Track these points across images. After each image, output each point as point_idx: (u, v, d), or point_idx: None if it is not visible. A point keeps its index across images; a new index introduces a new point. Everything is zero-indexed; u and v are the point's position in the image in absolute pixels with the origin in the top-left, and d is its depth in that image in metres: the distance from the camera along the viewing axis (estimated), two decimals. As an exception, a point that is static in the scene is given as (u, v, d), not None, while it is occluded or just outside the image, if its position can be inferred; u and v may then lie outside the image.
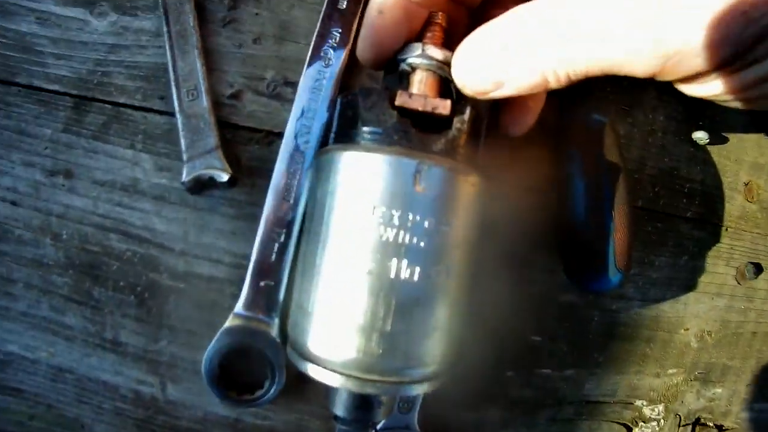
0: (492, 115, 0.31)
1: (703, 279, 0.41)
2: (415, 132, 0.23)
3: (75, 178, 0.31)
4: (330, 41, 0.31)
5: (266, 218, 0.29)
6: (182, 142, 0.30)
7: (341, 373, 0.23)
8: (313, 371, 0.24)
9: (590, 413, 0.39)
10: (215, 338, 0.30)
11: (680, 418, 0.42)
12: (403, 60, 0.25)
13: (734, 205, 0.43)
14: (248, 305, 0.29)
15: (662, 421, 0.41)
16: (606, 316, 0.38)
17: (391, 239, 0.22)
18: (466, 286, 0.25)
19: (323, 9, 0.31)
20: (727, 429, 0.44)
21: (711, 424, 0.43)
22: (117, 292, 0.32)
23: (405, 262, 0.22)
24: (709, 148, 0.41)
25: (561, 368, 0.37)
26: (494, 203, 0.33)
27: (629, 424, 0.40)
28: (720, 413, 0.43)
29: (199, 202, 0.31)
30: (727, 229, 0.42)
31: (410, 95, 0.23)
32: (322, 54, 0.31)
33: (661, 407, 0.41)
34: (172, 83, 0.30)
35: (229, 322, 0.30)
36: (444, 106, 0.23)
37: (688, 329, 0.41)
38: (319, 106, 0.30)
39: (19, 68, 0.31)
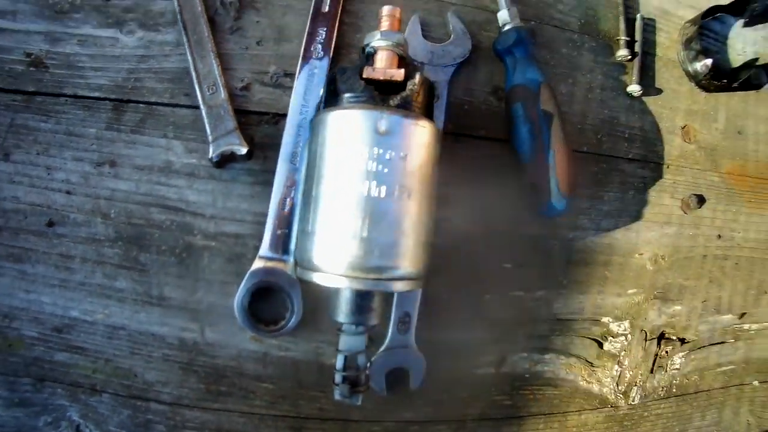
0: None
1: (651, 210, 0.52)
2: (378, 94, 0.34)
3: (118, 166, 0.42)
4: (318, 38, 0.42)
5: (279, 179, 0.40)
6: (207, 127, 0.40)
7: (337, 275, 0.33)
8: (317, 278, 0.34)
9: (562, 330, 0.49)
10: (244, 280, 0.40)
11: (646, 333, 0.52)
12: (367, 44, 0.36)
13: (673, 146, 0.53)
14: (269, 248, 0.40)
15: (629, 336, 0.51)
16: (565, 245, 0.48)
17: (364, 168, 0.32)
18: (426, 207, 0.35)
19: (310, 12, 0.42)
20: (689, 341, 0.54)
21: (674, 338, 0.53)
22: (160, 255, 0.42)
23: (374, 183, 0.32)
24: (645, 99, 0.52)
25: (531, 290, 0.47)
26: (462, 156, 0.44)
27: (600, 339, 0.50)
28: (681, 328, 0.53)
29: (223, 174, 0.42)
30: (668, 167, 0.53)
31: (373, 69, 0.34)
32: (312, 49, 0.42)
33: (626, 323, 0.51)
34: (195, 82, 0.41)
35: (254, 265, 0.40)
36: (398, 74, 0.34)
37: (642, 254, 0.51)
38: (313, 88, 0.41)
39: (65, 82, 0.42)
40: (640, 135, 0.52)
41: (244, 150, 0.40)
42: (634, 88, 0.50)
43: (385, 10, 0.36)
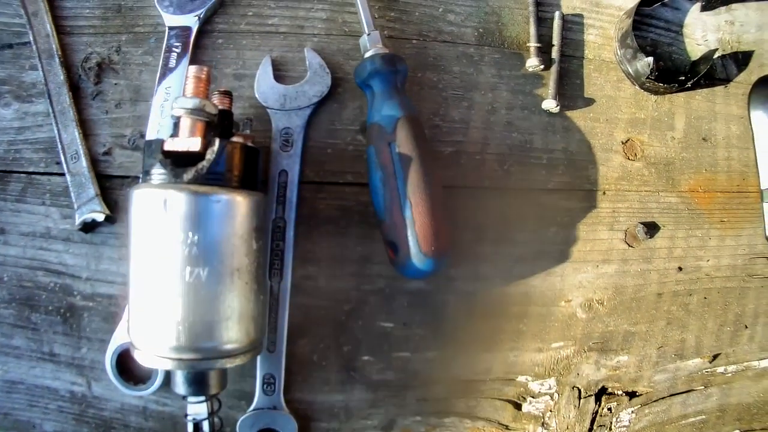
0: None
1: (580, 248, 0.44)
2: (172, 168, 0.32)
3: (7, 233, 0.45)
4: (167, 95, 0.42)
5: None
6: (72, 195, 0.43)
7: (160, 357, 0.33)
8: (140, 357, 0.34)
9: (465, 391, 0.44)
10: (111, 340, 0.42)
11: (579, 390, 0.45)
12: (171, 113, 0.34)
13: (611, 166, 0.45)
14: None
15: (556, 394, 0.45)
16: (462, 299, 0.43)
17: (165, 249, 0.32)
18: (238, 284, 0.33)
19: (159, 70, 0.42)
20: (640, 394, 0.46)
21: (620, 392, 0.46)
22: (48, 315, 0.45)
23: (176, 263, 0.31)
24: (570, 113, 0.44)
25: (421, 351, 0.43)
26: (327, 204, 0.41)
27: (516, 400, 0.45)
28: (629, 380, 0.46)
29: (94, 238, 0.44)
30: (604, 193, 0.45)
31: (173, 140, 0.33)
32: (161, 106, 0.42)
33: (552, 381, 0.45)
34: (60, 151, 0.43)
35: (120, 325, 0.42)
36: (195, 144, 0.32)
37: (570, 300, 0.44)
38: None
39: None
40: (564, 159, 0.44)
41: (101, 217, 0.42)
42: (549, 104, 0.43)
43: (191, 70, 0.34)
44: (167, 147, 0.33)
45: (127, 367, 0.42)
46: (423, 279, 0.41)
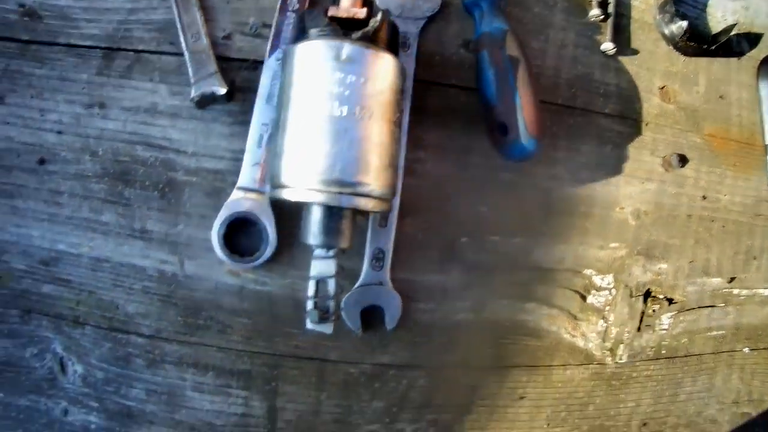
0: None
1: (630, 165, 0.54)
2: (340, 29, 0.38)
3: (107, 108, 0.46)
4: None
5: (256, 118, 0.44)
6: (190, 70, 0.45)
7: (304, 189, 0.36)
8: (286, 194, 0.37)
9: (543, 278, 0.50)
10: (221, 210, 0.43)
11: (631, 289, 0.53)
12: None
13: (651, 104, 0.56)
14: (246, 181, 0.43)
15: (613, 290, 0.53)
16: (542, 193, 0.50)
17: (328, 91, 0.36)
18: (387, 130, 0.38)
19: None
20: (676, 302, 0.55)
21: (661, 297, 0.54)
22: (143, 190, 0.45)
23: (337, 103, 0.36)
24: (620, 58, 0.56)
25: (509, 237, 0.49)
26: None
27: (582, 292, 0.52)
28: (668, 287, 0.54)
29: (204, 115, 0.45)
30: (647, 124, 0.55)
31: (338, 8, 0.39)
32: (288, 2, 0.47)
33: (610, 277, 0.52)
34: (179, 31, 0.45)
35: (231, 196, 0.43)
36: (361, 12, 0.39)
37: (623, 208, 0.53)
38: (289, 35, 0.45)
39: (59, 32, 0.46)
40: (616, 92, 0.54)
41: (223, 90, 0.44)
42: (607, 46, 0.54)
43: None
44: (331, 13, 0.39)
45: (230, 243, 0.43)
46: (524, 159, 0.47)
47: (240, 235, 0.44)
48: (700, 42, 0.56)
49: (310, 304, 0.40)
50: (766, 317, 0.59)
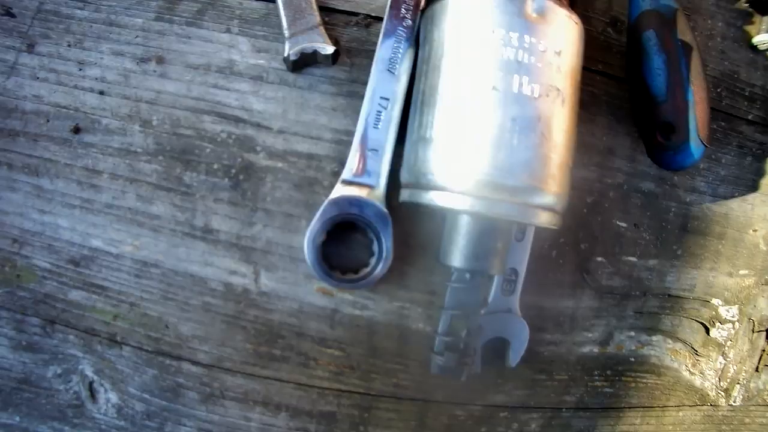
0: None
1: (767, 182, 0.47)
2: None
3: (167, 63, 0.35)
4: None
5: (372, 89, 0.33)
6: (283, 21, 0.34)
7: (463, 193, 0.27)
8: (435, 197, 0.27)
9: (672, 308, 0.43)
10: (319, 211, 0.33)
11: (754, 323, 0.47)
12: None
13: (796, 113, 0.49)
14: (354, 173, 0.33)
15: (737, 323, 0.46)
16: (681, 208, 0.43)
17: (511, 57, 0.27)
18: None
19: None
20: (798, 340, 0.49)
21: (784, 334, 0.49)
22: (210, 176, 0.34)
23: (526, 78, 0.26)
24: None
25: (645, 257, 0.42)
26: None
27: (707, 324, 0.45)
28: (791, 322, 0.49)
29: (299, 81, 0.35)
30: (790, 136, 0.49)
31: None
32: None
33: (735, 309, 0.46)
34: (270, -35, 0.34)
35: (334, 193, 0.33)
36: None
37: (756, 231, 0.47)
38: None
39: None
40: (761, 95, 0.47)
41: (329, 49, 0.34)
42: (761, 38, 0.46)
43: None
44: None
45: (326, 253, 0.34)
46: (684, 168, 0.40)
47: (341, 242, 0.34)
48: None
49: (440, 344, 0.31)
50: None
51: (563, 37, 0.28)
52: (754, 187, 0.47)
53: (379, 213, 0.33)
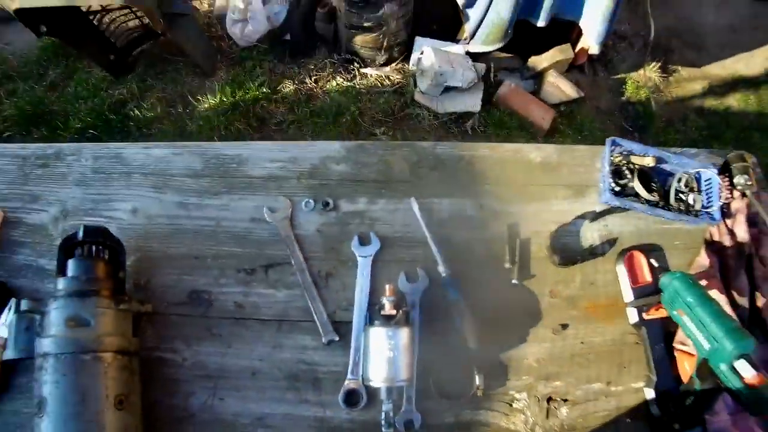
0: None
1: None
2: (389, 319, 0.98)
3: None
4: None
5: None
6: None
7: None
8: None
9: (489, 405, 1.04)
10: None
11: (538, 397, 1.04)
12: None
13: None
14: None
15: (526, 399, 1.04)
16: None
17: (387, 344, 0.97)
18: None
19: None
20: (569, 400, 1.04)
21: (558, 399, 1.05)
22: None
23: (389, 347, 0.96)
24: None
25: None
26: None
27: (512, 404, 1.04)
28: (563, 393, 1.04)
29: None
30: None
31: (384, 310, 0.99)
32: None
33: (524, 393, 1.04)
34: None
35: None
36: (394, 311, 0.98)
37: (528, 359, 1.05)
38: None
39: None
40: None
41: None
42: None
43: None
44: (383, 313, 0.99)
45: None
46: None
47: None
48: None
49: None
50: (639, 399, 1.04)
51: (402, 338, 0.97)
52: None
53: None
